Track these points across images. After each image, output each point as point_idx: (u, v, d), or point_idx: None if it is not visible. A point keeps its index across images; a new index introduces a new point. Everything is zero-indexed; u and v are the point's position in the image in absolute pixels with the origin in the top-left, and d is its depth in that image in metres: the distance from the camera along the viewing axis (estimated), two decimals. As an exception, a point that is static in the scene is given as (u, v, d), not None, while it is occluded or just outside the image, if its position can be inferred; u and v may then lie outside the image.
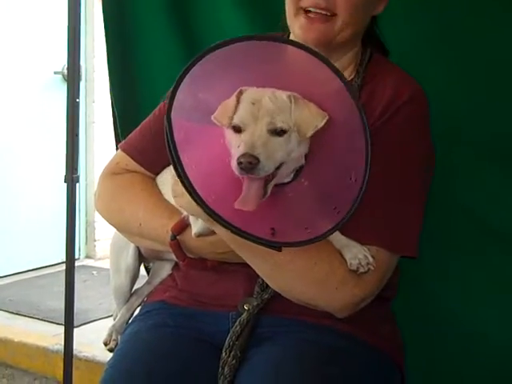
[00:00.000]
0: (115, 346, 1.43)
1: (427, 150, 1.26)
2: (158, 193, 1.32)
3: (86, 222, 4.31)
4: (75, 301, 2.59)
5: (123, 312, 1.48)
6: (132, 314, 1.47)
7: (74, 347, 2.60)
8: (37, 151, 4.00)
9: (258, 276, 1.22)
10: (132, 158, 1.36)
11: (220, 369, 1.20)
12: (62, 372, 2.54)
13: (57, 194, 2.60)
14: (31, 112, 3.96)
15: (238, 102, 1.04)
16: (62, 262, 2.59)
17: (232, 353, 1.20)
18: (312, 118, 1.06)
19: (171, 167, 1.29)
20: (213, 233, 1.17)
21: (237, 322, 1.21)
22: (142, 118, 1.43)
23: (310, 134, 1.06)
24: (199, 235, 1.19)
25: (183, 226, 1.22)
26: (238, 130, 1.04)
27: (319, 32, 1.24)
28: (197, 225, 1.19)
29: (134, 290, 1.49)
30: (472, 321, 1.64)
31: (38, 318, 3.24)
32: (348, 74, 1.29)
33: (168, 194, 1.30)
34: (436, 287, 1.67)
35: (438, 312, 1.67)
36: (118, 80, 1.90)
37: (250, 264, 1.18)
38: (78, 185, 2.37)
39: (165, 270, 1.43)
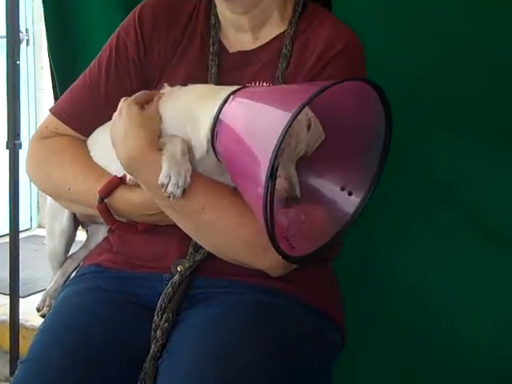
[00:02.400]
0: (48, 312, 1.39)
1: None
2: (87, 155, 1.29)
3: (38, 192, 4.23)
4: (24, 271, 2.56)
5: (58, 277, 1.44)
6: (67, 278, 1.44)
7: (22, 317, 2.59)
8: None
9: (189, 237, 1.20)
10: (61, 121, 1.33)
11: (152, 332, 1.18)
12: (8, 341, 2.53)
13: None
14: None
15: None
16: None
17: (164, 315, 1.17)
18: (319, 136, 1.08)
19: (102, 127, 1.27)
20: None
21: (169, 284, 1.19)
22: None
23: (312, 150, 1.08)
24: (134, 182, 1.18)
25: (111, 188, 1.20)
26: None
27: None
28: None
29: (70, 254, 1.46)
30: (416, 278, 1.66)
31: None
32: (280, 27, 1.27)
33: (97, 156, 1.29)
34: (382, 249, 1.69)
35: (381, 271, 1.69)
36: (55, 39, 1.83)
37: (177, 223, 1.16)
38: (23, 153, 2.32)
39: (101, 233, 1.41)
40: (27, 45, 3.88)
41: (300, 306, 1.22)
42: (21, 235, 2.72)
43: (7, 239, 2.73)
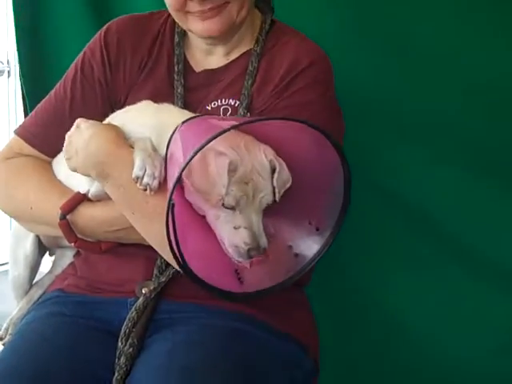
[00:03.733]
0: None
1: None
2: (50, 175, 1.27)
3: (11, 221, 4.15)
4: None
5: (22, 304, 1.39)
6: (32, 306, 1.38)
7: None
8: None
9: (156, 259, 1.17)
10: (25, 141, 1.31)
11: (116, 359, 1.12)
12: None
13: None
14: None
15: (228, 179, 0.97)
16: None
17: (129, 341, 1.13)
18: (286, 180, 1.03)
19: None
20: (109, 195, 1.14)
21: (133, 308, 1.15)
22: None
23: (280, 195, 1.03)
24: (96, 196, 1.16)
25: (73, 204, 1.17)
26: (230, 207, 1.00)
27: (220, 25, 1.20)
28: (93, 186, 1.16)
29: (34, 281, 1.41)
30: (392, 308, 1.62)
31: None
32: (247, 45, 1.26)
33: (61, 173, 1.26)
34: (355, 273, 1.65)
35: (357, 298, 1.65)
36: (26, 59, 1.80)
37: (141, 231, 1.12)
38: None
39: (66, 257, 1.37)
40: (8, 76, 3.85)
41: (272, 333, 1.17)
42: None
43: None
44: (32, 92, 1.80)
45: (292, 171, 1.03)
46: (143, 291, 1.16)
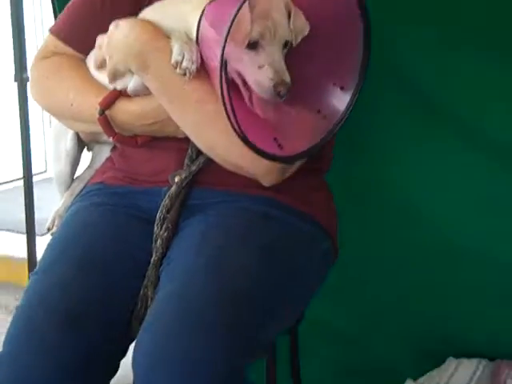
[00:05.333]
0: (57, 229, 1.44)
1: None
2: (87, 72, 1.32)
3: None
4: (43, 211, 2.62)
5: (66, 197, 1.49)
6: (75, 199, 1.47)
7: (39, 254, 2.66)
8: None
9: (188, 149, 1.24)
10: (59, 39, 1.35)
11: (153, 243, 1.23)
12: (27, 278, 2.62)
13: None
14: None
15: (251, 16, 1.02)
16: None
17: (164, 225, 1.22)
18: (302, 27, 1.08)
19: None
20: (147, 88, 1.19)
21: (166, 196, 1.23)
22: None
23: (297, 41, 1.08)
24: (135, 91, 1.22)
25: (111, 100, 1.23)
26: (253, 47, 1.05)
27: None
28: (131, 81, 1.22)
29: (76, 176, 1.50)
30: (411, 194, 1.69)
31: (4, 230, 3.28)
32: None
33: (96, 73, 1.31)
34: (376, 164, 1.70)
35: (374, 185, 1.71)
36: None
37: (177, 119, 1.19)
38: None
39: (104, 152, 1.44)
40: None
41: (293, 213, 1.25)
42: (36, 178, 2.78)
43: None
44: None
45: (313, 27, 1.08)
46: (176, 180, 1.23)
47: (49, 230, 1.49)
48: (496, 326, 1.68)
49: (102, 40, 1.24)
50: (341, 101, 1.10)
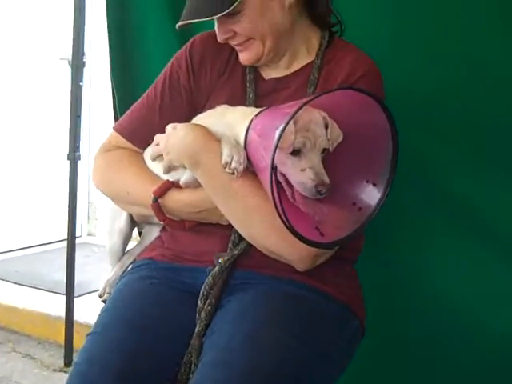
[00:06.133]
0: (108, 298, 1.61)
1: None
2: (143, 164, 1.51)
3: (88, 202, 4.50)
4: (77, 274, 2.80)
5: (116, 269, 1.66)
6: (124, 270, 1.64)
7: (76, 314, 2.82)
8: (42, 133, 4.19)
9: (231, 235, 1.40)
10: (122, 136, 1.55)
11: (197, 315, 1.38)
12: (63, 336, 2.78)
13: (62, 173, 2.79)
14: (38, 96, 4.17)
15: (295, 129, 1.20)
16: (65, 239, 2.76)
17: (208, 301, 1.37)
18: (338, 136, 1.25)
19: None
20: (197, 181, 1.37)
21: (209, 275, 1.38)
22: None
23: (333, 147, 1.25)
24: (187, 184, 1.39)
25: (164, 189, 1.40)
26: (296, 153, 1.22)
27: (249, 57, 1.43)
28: (184, 175, 1.40)
29: (126, 250, 1.67)
30: (432, 282, 1.82)
31: (42, 289, 3.44)
32: (308, 58, 1.47)
33: (152, 165, 1.50)
34: (402, 254, 1.85)
35: (401, 275, 1.85)
36: (118, 67, 2.08)
37: (223, 209, 1.35)
38: (80, 166, 2.56)
39: (154, 232, 1.61)
40: (84, 66, 4.20)
41: (324, 296, 1.39)
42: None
43: (63, 244, 3.02)
44: (119, 89, 2.09)
45: (347, 134, 1.25)
46: (219, 261, 1.38)
47: (100, 297, 1.66)
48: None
49: (159, 138, 1.43)
50: (374, 195, 1.26)
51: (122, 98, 2.06)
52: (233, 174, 1.28)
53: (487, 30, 1.69)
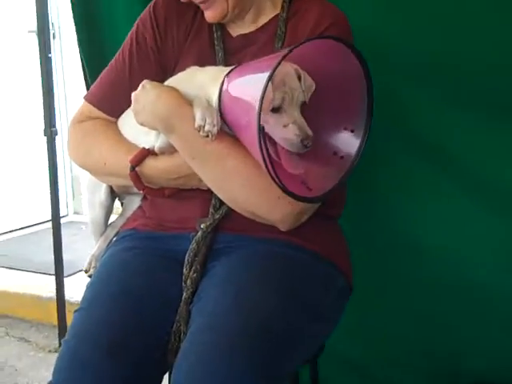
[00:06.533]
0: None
1: None
2: (118, 133, 1.48)
3: (72, 177, 4.43)
4: (66, 253, 2.76)
5: (100, 242, 1.64)
6: (109, 243, 1.62)
7: (67, 294, 2.79)
8: (18, 110, 4.09)
9: (211, 199, 1.37)
10: (94, 106, 1.51)
11: (183, 283, 1.36)
12: (56, 316, 2.75)
13: (41, 151, 2.73)
14: (9, 72, 4.06)
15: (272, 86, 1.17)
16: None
17: (192, 267, 1.35)
18: (310, 85, 1.23)
19: (129, 110, 1.45)
20: (173, 147, 1.33)
21: (193, 240, 1.36)
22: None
23: (308, 98, 1.23)
24: (161, 149, 1.36)
25: (140, 158, 1.38)
26: (276, 110, 1.21)
27: (214, 15, 1.40)
28: (158, 140, 1.36)
29: (109, 223, 1.65)
30: (420, 234, 1.81)
31: (32, 271, 3.41)
32: (273, 11, 1.44)
33: (127, 134, 1.47)
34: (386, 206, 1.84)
35: (383, 227, 1.84)
36: (84, 35, 2.03)
37: (201, 174, 1.32)
38: (60, 141, 2.50)
39: (135, 202, 1.59)
40: (53, 38, 4.10)
41: (309, 254, 1.37)
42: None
43: (48, 225, 2.99)
44: (89, 59, 2.03)
45: (319, 83, 1.23)
46: (202, 226, 1.36)
47: (86, 271, 1.64)
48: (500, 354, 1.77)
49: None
50: (353, 142, 1.25)
51: (92, 66, 2.01)
52: (207, 136, 1.25)
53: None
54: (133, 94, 1.36)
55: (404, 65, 1.72)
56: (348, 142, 1.25)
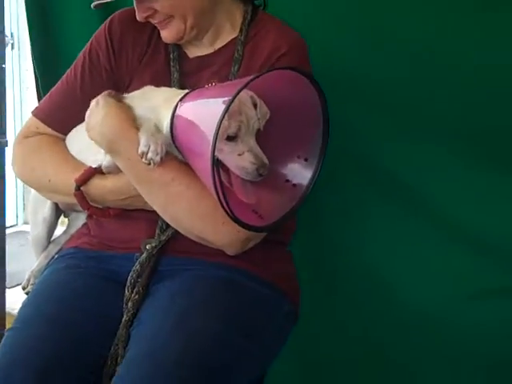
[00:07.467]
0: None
1: None
2: (65, 150, 1.45)
3: (23, 190, 4.35)
4: (12, 264, 2.69)
5: (41, 259, 1.60)
6: (50, 260, 1.57)
7: (9, 305, 2.71)
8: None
9: (158, 221, 1.35)
10: (41, 122, 1.48)
11: (124, 304, 1.33)
12: (-5, 330, 2.66)
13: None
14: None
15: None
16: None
17: (135, 289, 1.33)
18: (265, 113, 1.23)
19: (79, 126, 1.43)
20: (118, 168, 1.32)
21: (137, 262, 1.34)
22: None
23: (262, 126, 1.23)
24: (108, 169, 1.35)
25: (86, 177, 1.35)
26: (231, 139, 1.19)
27: (171, 35, 1.39)
28: (105, 159, 1.34)
29: (52, 239, 1.61)
30: (371, 262, 1.80)
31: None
32: (232, 33, 1.43)
33: (74, 151, 1.44)
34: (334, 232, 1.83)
35: (336, 256, 1.83)
36: (39, 48, 2.00)
37: (146, 197, 1.31)
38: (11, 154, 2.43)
39: (80, 219, 1.56)
40: (12, 48, 4.02)
41: (255, 280, 1.36)
42: (7, 231, 2.84)
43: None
44: (43, 72, 2.00)
45: (273, 110, 1.23)
46: (147, 247, 1.34)
47: (24, 289, 1.59)
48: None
49: None
50: (306, 171, 1.25)
51: (45, 81, 1.98)
52: (149, 164, 1.24)
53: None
54: (88, 110, 1.34)
55: (356, 91, 1.73)
56: (301, 170, 1.25)
